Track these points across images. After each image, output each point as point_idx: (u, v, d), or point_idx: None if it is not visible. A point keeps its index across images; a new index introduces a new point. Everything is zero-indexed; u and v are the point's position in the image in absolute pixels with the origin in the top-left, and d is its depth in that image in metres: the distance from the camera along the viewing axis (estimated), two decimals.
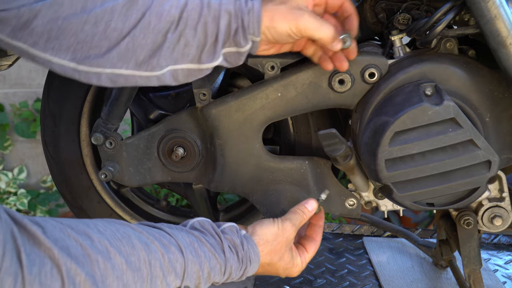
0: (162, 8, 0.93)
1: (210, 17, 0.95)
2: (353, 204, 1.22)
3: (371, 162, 1.07)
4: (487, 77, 1.08)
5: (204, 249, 0.90)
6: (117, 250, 0.76)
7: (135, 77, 0.95)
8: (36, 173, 3.11)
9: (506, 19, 0.97)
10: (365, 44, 1.20)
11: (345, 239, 1.79)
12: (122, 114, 1.28)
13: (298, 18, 0.96)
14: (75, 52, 0.91)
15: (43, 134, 1.37)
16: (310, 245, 1.09)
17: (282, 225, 1.02)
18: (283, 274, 1.05)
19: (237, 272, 0.95)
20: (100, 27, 0.90)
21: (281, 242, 1.01)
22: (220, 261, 0.92)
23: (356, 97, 1.12)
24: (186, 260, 0.86)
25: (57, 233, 0.71)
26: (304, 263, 1.07)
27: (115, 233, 0.79)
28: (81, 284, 0.70)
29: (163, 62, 0.95)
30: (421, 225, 2.88)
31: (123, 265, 0.76)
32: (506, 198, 1.20)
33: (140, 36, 0.92)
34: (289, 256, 1.04)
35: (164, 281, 0.83)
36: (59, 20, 0.88)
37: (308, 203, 1.09)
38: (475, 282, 1.28)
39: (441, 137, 1.03)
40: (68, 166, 1.38)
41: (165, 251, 0.83)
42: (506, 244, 1.76)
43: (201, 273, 0.89)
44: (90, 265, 0.72)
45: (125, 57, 0.93)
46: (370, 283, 1.53)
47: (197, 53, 0.96)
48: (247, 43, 0.97)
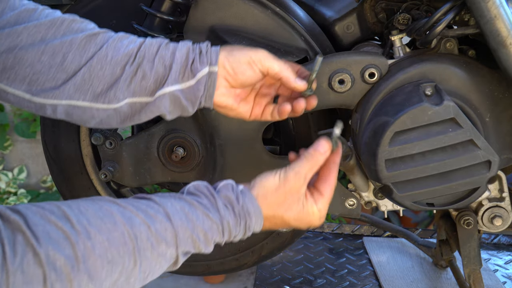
0: (120, 43, 0.95)
1: (169, 51, 0.96)
2: (353, 204, 1.22)
3: (371, 162, 1.07)
4: (487, 77, 1.08)
5: (197, 213, 0.87)
6: (97, 228, 0.76)
7: (92, 110, 0.95)
8: (36, 173, 3.11)
9: (506, 19, 0.97)
10: (365, 44, 1.20)
11: (345, 239, 1.79)
12: None
13: (257, 51, 0.97)
14: (30, 83, 0.92)
15: (43, 134, 1.37)
16: (325, 187, 0.97)
17: (284, 175, 0.94)
18: (300, 225, 0.97)
19: (237, 228, 0.90)
20: (57, 58, 0.92)
21: (284, 193, 0.94)
22: (216, 220, 0.88)
23: (356, 97, 1.12)
24: (175, 227, 0.84)
25: (38, 219, 0.72)
26: (324, 210, 0.97)
27: (97, 212, 0.78)
28: (62, 268, 0.71)
29: (120, 94, 0.95)
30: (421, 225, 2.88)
31: (104, 243, 0.76)
32: (506, 198, 1.20)
33: (97, 67, 0.93)
34: (298, 206, 0.95)
35: (154, 252, 0.82)
36: (16, 49, 0.90)
37: (319, 145, 0.96)
38: (475, 282, 1.28)
39: (441, 137, 1.03)
40: (68, 166, 1.38)
41: (151, 222, 0.82)
42: (506, 244, 1.76)
43: (196, 237, 0.86)
44: (70, 247, 0.72)
45: (82, 88, 0.94)
46: (370, 283, 1.53)
47: (155, 86, 0.96)
48: (203, 67, 0.96)
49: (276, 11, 1.17)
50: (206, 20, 1.16)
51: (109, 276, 0.76)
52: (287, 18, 1.17)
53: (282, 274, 1.59)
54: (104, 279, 0.76)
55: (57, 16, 0.95)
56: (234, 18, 1.16)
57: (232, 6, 1.16)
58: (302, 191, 0.95)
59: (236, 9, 1.16)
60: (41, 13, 0.94)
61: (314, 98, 1.00)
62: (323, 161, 0.96)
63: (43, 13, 0.94)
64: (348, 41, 1.23)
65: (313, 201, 0.96)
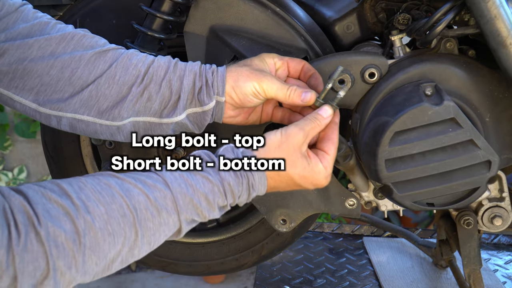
0: (129, 61, 0.97)
1: (176, 75, 0.98)
2: (353, 204, 1.22)
3: (371, 162, 1.07)
4: (487, 77, 1.08)
5: (196, 177, 0.86)
6: (95, 202, 0.77)
7: (95, 125, 0.98)
8: (36, 173, 3.12)
9: (506, 19, 0.97)
10: (365, 44, 1.20)
11: (345, 239, 1.79)
12: None
13: (262, 78, 0.97)
14: (38, 93, 0.94)
15: (43, 134, 1.37)
16: (329, 146, 0.96)
17: (285, 131, 0.93)
18: (306, 184, 0.96)
19: (239, 188, 0.89)
20: (66, 73, 0.94)
21: (286, 148, 0.92)
22: (216, 182, 0.87)
23: (356, 97, 1.12)
24: (174, 194, 0.83)
25: (39, 198, 0.73)
26: (329, 168, 0.96)
27: (95, 186, 0.78)
28: (64, 243, 0.72)
29: (125, 113, 0.97)
30: (421, 225, 2.88)
31: (104, 215, 0.76)
32: (506, 198, 1.20)
33: (105, 85, 0.95)
34: (303, 163, 0.93)
35: (156, 221, 0.82)
36: (26, 61, 0.92)
37: (322, 109, 0.96)
38: (475, 282, 1.28)
39: (441, 137, 1.03)
40: (68, 166, 1.38)
41: (150, 191, 0.82)
42: (506, 244, 1.76)
43: (197, 202, 0.85)
44: (71, 222, 0.73)
45: (87, 104, 0.96)
46: (370, 283, 1.53)
47: (160, 108, 0.98)
48: (210, 101, 0.98)
49: (276, 11, 1.17)
50: (206, 20, 1.16)
51: (112, 248, 0.77)
52: (287, 18, 1.17)
53: (282, 274, 1.59)
54: (108, 251, 0.77)
55: (69, 31, 0.97)
56: (234, 18, 1.16)
57: (232, 6, 1.16)
58: (304, 149, 0.94)
59: (236, 9, 1.16)
60: (54, 28, 0.96)
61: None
62: (325, 125, 0.96)
63: (55, 28, 0.96)
64: (348, 41, 1.23)
65: (318, 159, 0.95)
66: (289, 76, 1.05)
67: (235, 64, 1.01)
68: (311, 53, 1.18)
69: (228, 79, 0.98)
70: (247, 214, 1.43)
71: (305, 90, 0.98)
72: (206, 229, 1.40)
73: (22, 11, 0.96)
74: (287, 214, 1.22)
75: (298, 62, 1.04)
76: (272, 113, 1.06)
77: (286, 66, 1.04)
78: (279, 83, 0.98)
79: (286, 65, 1.04)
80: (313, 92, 0.98)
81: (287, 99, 0.98)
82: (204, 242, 1.40)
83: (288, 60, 1.04)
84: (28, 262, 0.69)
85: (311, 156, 0.95)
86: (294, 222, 1.22)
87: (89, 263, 0.75)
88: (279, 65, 1.03)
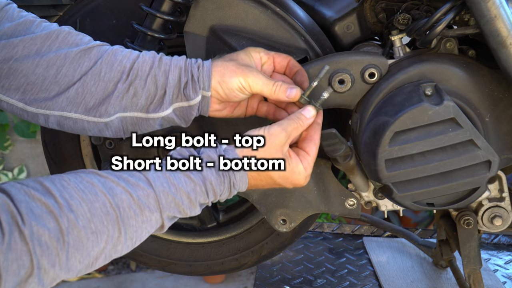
0: (114, 58, 0.97)
1: (160, 70, 0.98)
2: (353, 204, 1.22)
3: (371, 162, 1.07)
4: (487, 77, 1.08)
5: (178, 176, 0.87)
6: (78, 201, 0.77)
7: (83, 122, 0.98)
8: (36, 173, 3.12)
9: (506, 19, 0.97)
10: (365, 44, 1.20)
11: (345, 239, 1.79)
12: None
13: (247, 74, 0.98)
14: (24, 93, 0.94)
15: (43, 134, 1.37)
16: (310, 146, 0.98)
17: (268, 130, 0.94)
18: (286, 184, 0.97)
19: (221, 187, 0.90)
20: (51, 71, 0.94)
21: (268, 148, 0.94)
22: (198, 181, 0.88)
23: (356, 97, 1.12)
24: (157, 193, 0.85)
25: (22, 196, 0.73)
26: (309, 168, 0.98)
27: (78, 184, 0.79)
28: (47, 242, 0.72)
29: (112, 110, 0.98)
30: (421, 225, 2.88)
31: (87, 214, 0.77)
32: (506, 198, 1.20)
33: (91, 83, 0.96)
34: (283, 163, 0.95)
35: (138, 219, 0.83)
36: (11, 61, 0.92)
37: (305, 110, 0.98)
38: (475, 282, 1.28)
39: (441, 137, 1.03)
40: (68, 166, 1.38)
41: (133, 190, 0.83)
42: (506, 244, 1.76)
43: (179, 200, 0.86)
44: (54, 221, 0.74)
45: (74, 102, 0.96)
46: (370, 283, 1.53)
47: (146, 103, 0.99)
48: (196, 95, 0.99)
49: (276, 11, 1.17)
50: (206, 20, 1.16)
51: (96, 246, 0.78)
52: (287, 18, 1.17)
53: (282, 274, 1.59)
54: (91, 249, 0.78)
55: (53, 29, 0.97)
56: (234, 18, 1.16)
57: (232, 6, 1.16)
58: (285, 149, 0.96)
59: (236, 9, 1.16)
60: (39, 26, 0.96)
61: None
62: (307, 125, 0.98)
63: (40, 26, 0.97)
64: (348, 41, 1.23)
65: (298, 159, 0.97)
66: (275, 71, 1.05)
67: (221, 59, 1.02)
68: (311, 53, 1.18)
69: (214, 74, 0.99)
70: (247, 214, 1.43)
71: (291, 86, 0.99)
72: (206, 229, 1.40)
73: (7, 10, 0.96)
74: (287, 214, 1.22)
75: (284, 57, 1.05)
76: (257, 107, 1.07)
77: (272, 61, 1.04)
78: (264, 78, 0.99)
79: (272, 60, 1.04)
80: (298, 89, 0.99)
81: (272, 95, 0.99)
82: (204, 242, 1.40)
83: (274, 55, 1.04)
84: (12, 261, 0.70)
85: (292, 156, 0.96)
86: (294, 222, 1.22)
87: (72, 261, 0.76)
88: (265, 60, 1.04)
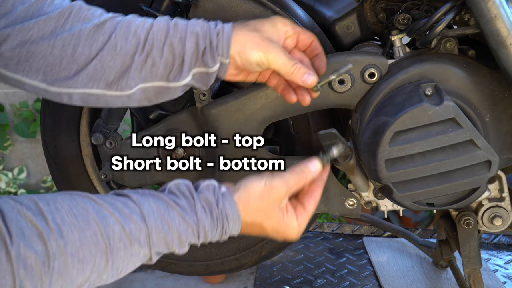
0: (128, 30, 0.96)
1: (176, 38, 0.96)
2: (353, 204, 1.22)
3: (371, 162, 1.07)
4: (487, 77, 1.08)
5: (173, 214, 0.86)
6: (70, 227, 0.77)
7: (106, 96, 0.97)
8: (36, 173, 3.12)
9: (506, 19, 0.97)
10: (365, 44, 1.20)
11: (345, 239, 1.79)
12: (122, 114, 1.28)
13: (269, 50, 0.97)
14: (45, 74, 0.94)
15: (43, 134, 1.37)
16: (309, 201, 0.96)
17: (270, 182, 0.92)
18: (277, 237, 0.96)
19: (213, 232, 0.89)
20: (68, 51, 0.93)
21: (266, 200, 0.92)
22: (191, 223, 0.87)
23: (356, 97, 1.12)
24: (149, 229, 0.84)
25: (14, 215, 0.73)
26: (303, 224, 0.96)
27: (72, 209, 0.78)
28: (32, 265, 0.72)
29: (132, 82, 0.97)
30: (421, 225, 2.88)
31: (77, 242, 0.76)
32: (506, 198, 1.20)
33: (108, 57, 0.95)
34: (279, 216, 0.93)
35: (127, 251, 0.82)
36: (28, 44, 0.92)
37: (310, 162, 0.96)
38: (475, 282, 1.28)
39: (441, 137, 1.03)
40: (68, 166, 1.38)
41: (125, 222, 0.82)
42: (506, 244, 1.76)
43: (170, 239, 0.86)
44: (43, 244, 0.73)
45: (94, 78, 0.95)
46: (370, 283, 1.53)
47: (165, 72, 0.97)
48: (215, 64, 0.97)
49: (276, 11, 1.17)
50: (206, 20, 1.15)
51: (80, 275, 0.77)
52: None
53: (282, 274, 1.59)
54: (76, 277, 0.77)
55: (65, 6, 0.96)
56: (234, 18, 1.16)
57: (232, 6, 1.16)
58: (284, 203, 0.94)
59: (236, 9, 1.16)
60: (51, 5, 0.95)
61: None
62: (311, 180, 0.96)
63: (53, 5, 0.95)
64: (348, 41, 1.23)
65: (294, 214, 0.95)
66: (296, 47, 1.03)
67: (244, 26, 0.98)
68: None
69: (234, 43, 0.97)
70: None
71: (308, 71, 0.99)
72: None
73: None
74: None
75: (308, 36, 1.03)
76: (269, 77, 1.06)
77: (297, 37, 1.02)
78: (285, 57, 0.97)
79: (296, 35, 1.02)
80: (315, 77, 0.99)
81: (288, 76, 0.98)
82: None
83: (300, 31, 1.02)
84: None
85: (288, 210, 0.94)
86: None
87: (55, 286, 0.75)
88: (289, 34, 1.01)
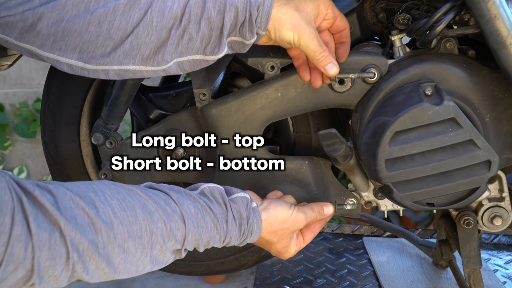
0: (164, 5, 0.94)
1: (215, 11, 0.95)
2: (353, 204, 1.22)
3: (371, 162, 1.07)
4: (487, 77, 1.08)
5: (207, 220, 0.94)
6: (120, 220, 0.83)
7: (142, 72, 0.99)
8: (36, 173, 3.12)
9: (506, 19, 0.97)
10: (365, 44, 1.20)
11: (345, 239, 1.79)
12: (122, 114, 1.28)
13: (304, 34, 0.98)
14: (81, 52, 0.94)
15: (43, 134, 1.37)
16: (309, 235, 1.11)
17: (296, 215, 1.05)
18: (275, 253, 1.10)
19: (236, 242, 1.00)
20: (103, 27, 0.93)
21: (287, 228, 1.05)
22: (221, 232, 0.96)
23: (356, 97, 1.12)
24: (187, 230, 0.92)
25: (67, 202, 0.79)
26: (297, 251, 1.11)
27: (121, 203, 0.85)
28: (84, 251, 0.78)
29: (168, 57, 0.97)
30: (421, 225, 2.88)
31: (124, 234, 0.83)
32: (506, 198, 1.20)
33: (144, 34, 0.94)
34: (287, 242, 1.07)
35: (164, 246, 0.90)
36: (63, 22, 0.91)
37: (327, 207, 1.12)
38: (475, 282, 1.28)
39: (441, 137, 1.03)
40: (68, 166, 1.38)
41: (168, 220, 0.89)
42: (506, 244, 1.76)
43: (200, 241, 0.95)
44: (94, 233, 0.80)
45: (130, 54, 0.95)
46: (370, 283, 1.53)
47: (202, 46, 0.98)
48: (252, 37, 0.99)
49: None
50: None
51: (122, 264, 0.84)
52: None
53: (282, 274, 1.59)
54: (117, 265, 0.84)
55: None
56: None
57: None
58: (296, 233, 1.09)
59: None
60: None
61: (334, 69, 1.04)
62: (321, 220, 1.12)
63: None
64: None
65: (296, 243, 1.09)
66: (329, 29, 1.06)
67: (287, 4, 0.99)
68: None
69: (273, 19, 0.98)
70: None
71: (333, 61, 1.02)
72: None
73: None
74: None
75: (343, 24, 1.06)
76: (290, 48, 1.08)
77: (333, 21, 1.04)
78: (316, 44, 1.00)
79: (333, 20, 1.04)
80: (337, 69, 1.03)
81: (314, 60, 1.02)
82: None
83: (338, 16, 1.04)
84: (47, 259, 0.74)
85: (293, 239, 1.09)
86: None
87: (99, 271, 0.82)
88: (328, 17, 1.03)
